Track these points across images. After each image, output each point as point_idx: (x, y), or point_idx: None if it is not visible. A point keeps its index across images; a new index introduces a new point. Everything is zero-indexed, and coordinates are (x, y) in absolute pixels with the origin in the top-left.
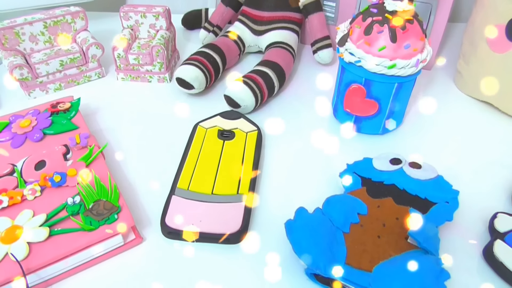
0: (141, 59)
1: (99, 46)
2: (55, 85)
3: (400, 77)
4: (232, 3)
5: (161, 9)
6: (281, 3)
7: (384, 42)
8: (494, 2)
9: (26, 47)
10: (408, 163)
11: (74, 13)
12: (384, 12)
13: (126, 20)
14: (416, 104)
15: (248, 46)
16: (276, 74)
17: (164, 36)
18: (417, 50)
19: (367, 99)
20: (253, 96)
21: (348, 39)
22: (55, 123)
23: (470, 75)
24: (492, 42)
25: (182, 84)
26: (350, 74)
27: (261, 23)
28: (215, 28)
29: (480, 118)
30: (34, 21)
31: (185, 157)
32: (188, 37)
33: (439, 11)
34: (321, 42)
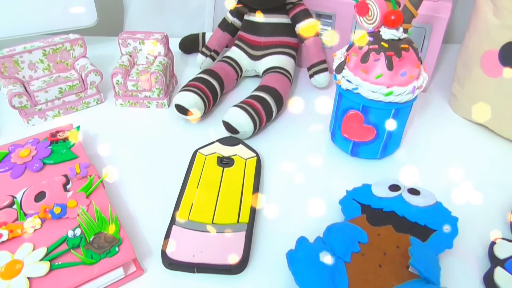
0: (140, 85)
1: (98, 73)
2: (54, 112)
3: (397, 104)
4: (229, 28)
5: (159, 35)
6: (277, 28)
7: (381, 70)
8: (486, 27)
9: (25, 74)
10: (407, 190)
11: (73, 41)
12: (380, 41)
13: (124, 47)
14: (412, 127)
15: (245, 71)
16: (273, 99)
17: (162, 62)
18: (413, 77)
19: (365, 125)
20: (251, 122)
21: (345, 66)
22: (54, 153)
23: (465, 98)
24: (486, 66)
25: (180, 110)
26: (348, 101)
27: (258, 48)
28: (213, 53)
29: (475, 141)
30: (33, 49)
31: (185, 185)
32: (186, 61)
33: (433, 35)
34: (318, 66)
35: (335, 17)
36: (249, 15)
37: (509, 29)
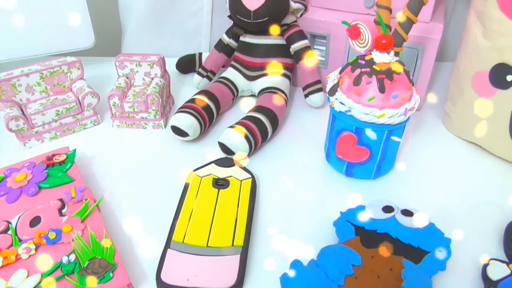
0: (136, 107)
1: (95, 95)
2: (51, 134)
3: (389, 125)
4: (225, 49)
5: (156, 57)
6: (272, 49)
7: (373, 92)
8: (477, 49)
9: (23, 97)
10: (400, 211)
11: (70, 63)
12: (372, 64)
13: (121, 69)
14: (407, 145)
15: (241, 91)
16: (269, 119)
17: (159, 84)
18: (405, 99)
19: (359, 146)
20: (247, 143)
21: (338, 89)
22: (50, 176)
23: (458, 117)
24: (477, 87)
25: (177, 132)
26: (341, 122)
27: (253, 69)
28: (209, 73)
29: (469, 159)
30: (31, 72)
31: (180, 207)
32: (183, 80)
33: (426, 55)
34: (312, 86)
35: (329, 38)
36: (244, 37)
37: (498, 51)
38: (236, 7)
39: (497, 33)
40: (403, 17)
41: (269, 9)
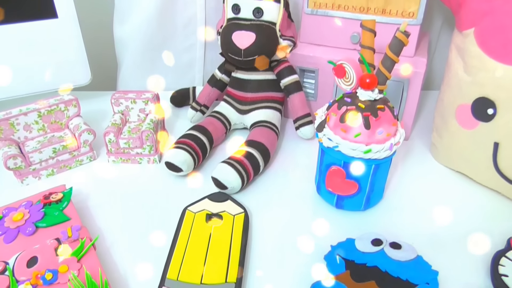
0: (131, 143)
1: (91, 132)
2: (48, 171)
3: (376, 160)
4: (217, 84)
5: (150, 94)
6: (263, 84)
7: (359, 129)
8: (458, 83)
9: (21, 135)
10: (389, 244)
11: (67, 101)
12: (357, 101)
13: (117, 106)
14: (395, 175)
15: (234, 124)
16: (260, 153)
17: (153, 120)
18: (390, 134)
19: (347, 180)
20: (239, 178)
21: (325, 125)
22: (47, 215)
23: (444, 147)
24: (461, 119)
25: (171, 167)
26: (330, 157)
27: (245, 103)
28: (202, 107)
29: (456, 189)
30: (29, 111)
31: (174, 244)
32: (177, 114)
33: (411, 88)
34: (303, 119)
35: (318, 72)
36: (236, 72)
37: (478, 85)
38: (227, 45)
39: (477, 68)
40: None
41: (259, 47)
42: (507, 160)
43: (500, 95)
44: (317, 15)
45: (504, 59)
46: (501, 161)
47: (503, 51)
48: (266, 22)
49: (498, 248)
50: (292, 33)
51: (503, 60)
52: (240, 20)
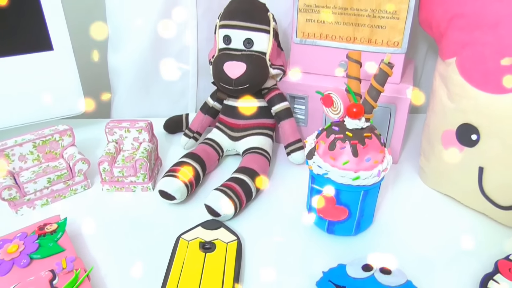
0: (125, 171)
1: (86, 161)
2: (42, 201)
3: (365, 186)
4: (210, 111)
5: (144, 123)
6: (254, 112)
7: (347, 157)
8: (443, 109)
9: (16, 166)
10: (379, 269)
11: (62, 132)
12: (345, 130)
13: (111, 135)
14: (385, 199)
15: (226, 150)
16: (253, 180)
17: (147, 149)
18: (378, 161)
19: (338, 206)
20: (232, 205)
21: (315, 153)
22: (42, 247)
23: (431, 171)
24: (446, 144)
25: (164, 196)
26: (320, 184)
27: (237, 130)
28: (195, 134)
29: (444, 211)
30: (24, 142)
31: (168, 273)
32: (171, 140)
33: (398, 113)
34: (294, 145)
35: (307, 99)
36: (228, 100)
37: (462, 112)
38: (219, 75)
39: (460, 96)
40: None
41: (249, 77)
42: (491, 184)
43: (483, 122)
44: (305, 45)
45: (485, 88)
46: (486, 185)
47: (483, 80)
48: (257, 52)
49: (486, 271)
50: (281, 62)
51: (484, 89)
52: (231, 51)
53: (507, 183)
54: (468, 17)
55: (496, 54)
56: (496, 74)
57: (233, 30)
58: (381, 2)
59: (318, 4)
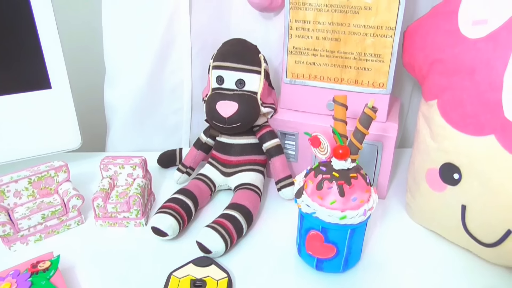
0: (119, 207)
1: (80, 197)
2: (36, 237)
3: (352, 225)
4: (203, 147)
5: (138, 160)
6: (246, 148)
7: (334, 196)
8: (427, 149)
9: (10, 202)
10: None
11: (58, 168)
12: (332, 170)
13: (105, 171)
14: (373, 235)
15: (218, 186)
16: (244, 216)
17: (141, 185)
18: (364, 201)
19: (326, 244)
20: (223, 242)
21: (304, 191)
22: (34, 285)
23: (417, 207)
24: (430, 182)
25: (157, 232)
26: (309, 222)
27: (229, 166)
28: (188, 169)
29: (431, 247)
30: (20, 178)
31: None
32: (164, 174)
33: (385, 150)
34: (284, 181)
35: (298, 136)
36: (220, 137)
37: (444, 152)
38: (212, 113)
39: (442, 136)
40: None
41: (241, 116)
42: (474, 222)
43: (463, 162)
44: (295, 85)
45: (465, 130)
46: (469, 223)
47: (463, 122)
48: (248, 92)
49: None
50: (272, 100)
51: (464, 130)
52: (224, 90)
53: (488, 221)
54: (447, 63)
55: (473, 99)
56: (474, 117)
57: (225, 71)
58: (366, 46)
59: (306, 47)
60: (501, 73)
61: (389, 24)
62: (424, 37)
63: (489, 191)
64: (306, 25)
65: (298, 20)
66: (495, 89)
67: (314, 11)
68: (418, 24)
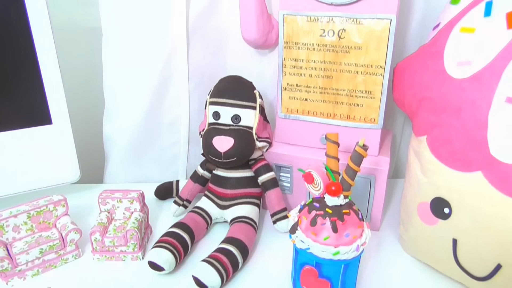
0: (116, 241)
1: (78, 231)
2: (33, 271)
3: (345, 260)
4: (199, 180)
5: (136, 194)
6: (242, 181)
7: (327, 233)
8: (417, 183)
9: (9, 236)
10: None
11: (56, 202)
12: (325, 207)
13: (103, 205)
14: (367, 268)
15: (215, 219)
16: (239, 251)
17: (138, 219)
18: (356, 236)
19: (320, 279)
20: (219, 277)
21: (298, 227)
22: None
23: (410, 240)
24: (422, 215)
25: (153, 267)
26: (303, 257)
27: (225, 199)
28: (185, 202)
29: (424, 280)
30: (19, 213)
31: None
32: (161, 206)
33: (378, 183)
34: (279, 214)
35: (292, 169)
36: (217, 170)
37: (434, 186)
38: (208, 148)
39: (431, 172)
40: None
41: (237, 150)
42: (465, 255)
43: (453, 197)
44: (289, 119)
45: (453, 166)
46: (461, 257)
47: (452, 158)
48: (244, 127)
49: None
50: (267, 134)
51: (453, 166)
52: (220, 125)
53: (479, 255)
54: (435, 101)
55: (461, 136)
56: (462, 153)
57: (222, 107)
58: (357, 83)
59: (300, 84)
60: (486, 112)
61: (379, 62)
62: (412, 75)
63: (478, 226)
64: (299, 63)
65: (291, 59)
66: (480, 127)
67: (306, 50)
68: (407, 62)
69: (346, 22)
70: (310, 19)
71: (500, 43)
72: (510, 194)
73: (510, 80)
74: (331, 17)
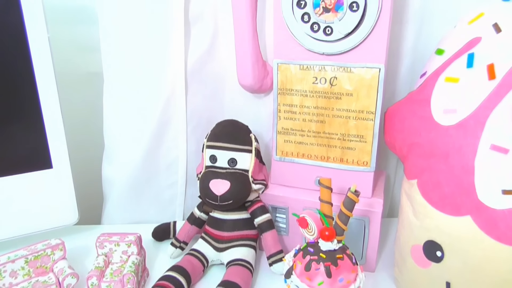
0: (113, 286)
1: (75, 276)
2: None
3: None
4: (196, 222)
5: (133, 237)
6: (238, 223)
7: (322, 278)
8: (410, 226)
9: (6, 282)
10: None
11: (54, 246)
12: (319, 252)
13: (101, 248)
14: None
15: (211, 261)
16: None
17: (135, 262)
18: (350, 281)
19: None
20: None
21: (293, 272)
22: None
23: (405, 282)
24: (415, 258)
25: None
26: None
27: (221, 241)
28: (182, 244)
29: None
30: (17, 258)
31: None
32: (158, 247)
33: (372, 225)
34: (275, 256)
35: (288, 210)
36: (213, 212)
37: (426, 230)
38: (205, 191)
39: (423, 215)
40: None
41: (233, 194)
42: None
43: (445, 240)
44: (284, 162)
45: (444, 210)
46: None
47: (442, 203)
48: (240, 170)
49: None
50: (263, 176)
51: (443, 210)
52: (217, 169)
53: None
54: (424, 146)
55: (449, 181)
56: (451, 198)
57: (218, 151)
58: (350, 128)
59: (294, 128)
60: (472, 159)
61: (369, 108)
62: (402, 121)
63: (470, 269)
64: (293, 108)
65: (285, 104)
66: (468, 172)
67: (300, 96)
68: (396, 108)
69: (337, 70)
70: (302, 68)
71: (483, 93)
72: (498, 238)
73: (493, 128)
74: (323, 65)
